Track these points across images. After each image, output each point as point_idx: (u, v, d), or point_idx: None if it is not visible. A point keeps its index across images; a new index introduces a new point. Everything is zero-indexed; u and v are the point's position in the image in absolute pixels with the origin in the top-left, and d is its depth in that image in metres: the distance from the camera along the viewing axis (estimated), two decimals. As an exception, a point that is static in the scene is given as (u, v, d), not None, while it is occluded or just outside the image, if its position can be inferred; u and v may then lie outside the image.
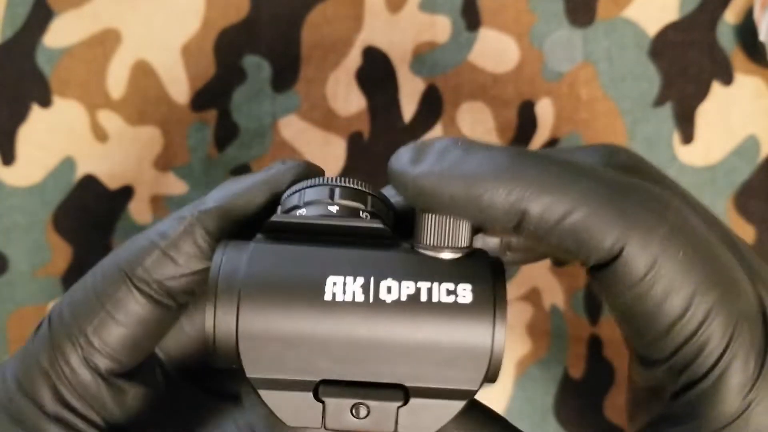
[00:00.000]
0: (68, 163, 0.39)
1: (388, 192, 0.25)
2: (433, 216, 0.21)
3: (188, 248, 0.24)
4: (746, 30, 0.38)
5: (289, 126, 0.39)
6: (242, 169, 0.39)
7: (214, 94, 0.39)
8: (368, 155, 0.39)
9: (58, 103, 0.39)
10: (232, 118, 0.39)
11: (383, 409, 0.21)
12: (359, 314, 0.20)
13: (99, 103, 0.39)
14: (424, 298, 0.21)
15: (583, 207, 0.20)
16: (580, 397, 0.38)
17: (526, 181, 0.20)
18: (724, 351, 0.21)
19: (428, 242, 0.22)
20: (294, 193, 0.24)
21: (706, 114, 0.38)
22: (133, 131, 0.39)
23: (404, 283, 0.21)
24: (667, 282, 0.20)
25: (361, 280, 0.21)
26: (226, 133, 0.39)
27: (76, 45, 0.39)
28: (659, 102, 0.38)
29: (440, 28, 0.39)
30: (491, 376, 0.21)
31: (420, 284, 0.21)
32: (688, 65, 0.38)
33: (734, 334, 0.21)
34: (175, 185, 0.39)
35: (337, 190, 0.24)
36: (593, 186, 0.20)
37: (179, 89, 0.39)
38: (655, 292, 0.20)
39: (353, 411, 0.21)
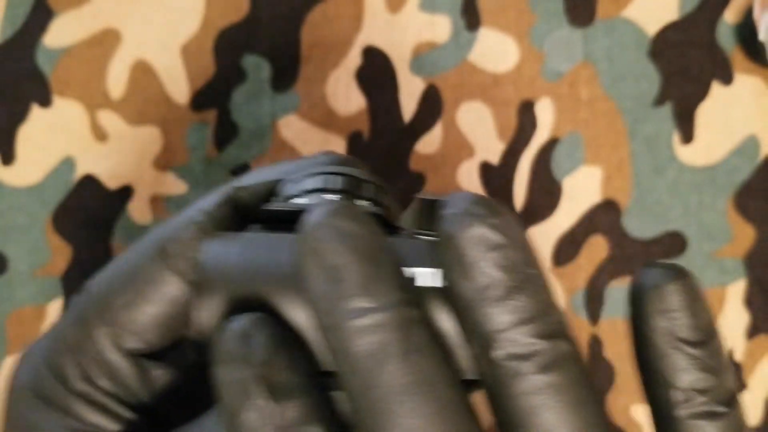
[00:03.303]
0: (68, 163, 0.39)
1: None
2: (433, 201, 0.21)
3: (223, 224, 0.23)
4: (746, 30, 0.38)
5: (288, 126, 0.39)
6: (242, 169, 0.39)
7: (213, 94, 0.39)
8: (368, 155, 0.39)
9: (58, 103, 0.39)
10: (231, 118, 0.39)
11: None
12: None
13: (99, 103, 0.39)
14: (419, 283, 0.20)
15: None
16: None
17: None
18: None
19: (426, 226, 0.21)
20: (291, 182, 0.23)
21: (706, 114, 0.38)
22: (133, 131, 0.39)
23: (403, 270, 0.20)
24: None
25: None
26: (225, 133, 0.39)
27: (76, 45, 0.39)
28: (659, 102, 0.38)
29: (440, 27, 0.39)
30: None
31: (418, 270, 0.20)
32: (688, 65, 0.38)
33: None
34: (174, 185, 0.39)
35: (336, 179, 0.23)
36: None
37: (179, 89, 0.39)
38: None
39: None
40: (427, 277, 0.19)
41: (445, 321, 0.19)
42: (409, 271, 0.20)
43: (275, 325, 0.19)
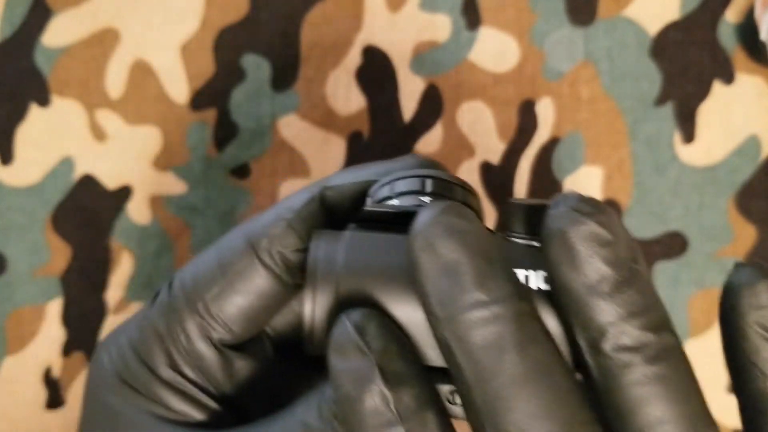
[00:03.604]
0: (67, 163, 0.39)
1: None
2: (526, 205, 0.21)
3: (311, 222, 0.24)
4: (747, 29, 0.38)
5: (288, 125, 0.39)
6: (242, 169, 0.39)
7: (213, 94, 0.39)
8: (368, 155, 0.39)
9: (57, 102, 0.39)
10: (231, 118, 0.39)
11: None
12: None
13: (98, 102, 0.39)
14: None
15: None
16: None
17: None
18: None
19: (521, 230, 0.21)
20: (385, 184, 0.24)
21: (707, 113, 0.38)
22: (132, 131, 0.39)
23: None
24: None
25: None
26: (225, 133, 0.39)
27: (75, 44, 0.39)
28: (660, 101, 0.38)
29: (440, 27, 0.39)
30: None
31: (518, 271, 0.20)
32: (689, 64, 0.38)
33: None
34: (174, 185, 0.39)
35: (429, 181, 0.23)
36: None
37: (178, 88, 0.39)
38: None
39: (451, 398, 0.20)
40: (528, 278, 0.20)
41: (549, 319, 0.20)
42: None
43: (386, 318, 0.20)
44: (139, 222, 0.39)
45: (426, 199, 0.23)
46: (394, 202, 0.23)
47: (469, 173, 0.39)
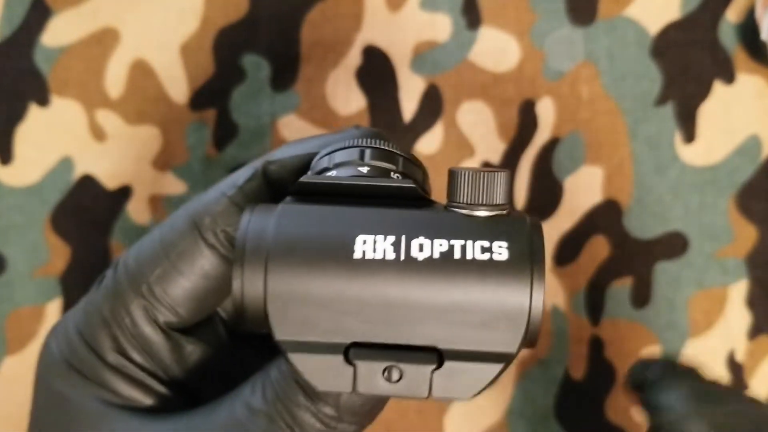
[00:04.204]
0: (66, 163, 0.39)
1: None
2: (467, 172, 0.21)
3: (254, 197, 0.23)
4: (748, 29, 0.38)
5: (288, 125, 0.39)
6: (241, 169, 0.39)
7: (213, 94, 0.39)
8: (368, 155, 0.39)
9: (57, 102, 0.39)
10: (231, 118, 0.39)
11: (417, 372, 0.20)
12: (390, 273, 0.20)
13: (97, 102, 0.39)
14: (457, 255, 0.20)
15: None
16: (581, 398, 0.38)
17: None
18: None
19: (462, 200, 0.21)
20: (324, 156, 0.23)
21: (708, 113, 0.38)
22: (132, 131, 0.39)
23: (437, 241, 0.20)
24: None
25: (391, 238, 0.20)
26: (225, 133, 0.39)
27: (75, 44, 0.39)
28: (661, 101, 0.38)
29: (440, 26, 0.39)
30: (530, 339, 0.20)
31: (453, 242, 0.20)
32: (689, 64, 0.38)
33: None
34: (174, 185, 0.39)
35: (368, 151, 0.23)
36: None
37: (178, 88, 0.39)
38: None
39: (385, 374, 0.20)
40: (464, 248, 0.20)
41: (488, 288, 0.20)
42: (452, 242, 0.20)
43: None
44: (138, 222, 0.39)
45: (364, 169, 0.23)
46: (333, 173, 0.23)
47: (469, 173, 0.38)
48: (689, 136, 0.38)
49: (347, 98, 0.39)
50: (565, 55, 0.39)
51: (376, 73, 0.39)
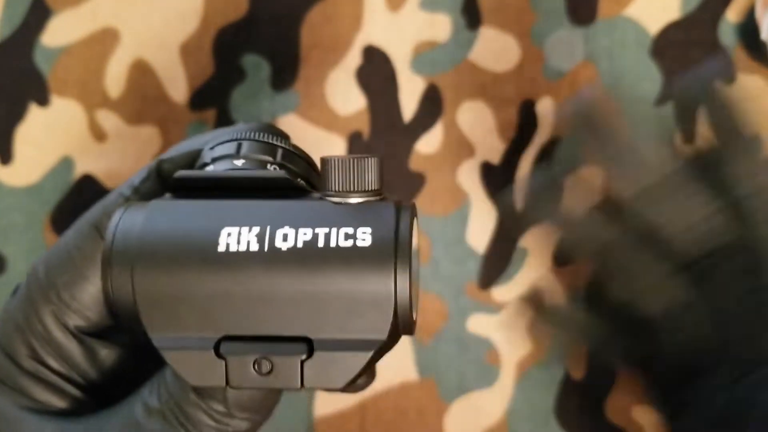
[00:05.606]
0: (66, 163, 0.39)
1: None
2: (337, 160, 0.21)
3: (151, 197, 0.23)
4: (748, 29, 0.38)
5: (288, 125, 0.39)
6: (241, 169, 0.39)
7: (212, 93, 0.39)
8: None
9: (56, 102, 0.39)
10: (231, 117, 0.39)
11: (287, 363, 0.20)
12: (254, 264, 0.20)
13: (97, 102, 0.39)
14: (321, 243, 0.20)
15: None
16: (581, 398, 0.38)
17: None
18: None
19: (334, 188, 0.21)
20: (207, 151, 0.24)
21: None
22: (132, 130, 0.39)
23: (301, 230, 0.20)
24: None
25: (256, 229, 0.20)
26: (225, 133, 0.39)
27: (75, 44, 0.39)
28: (660, 101, 0.38)
29: (440, 26, 0.39)
30: (404, 326, 0.20)
31: (318, 230, 0.20)
32: (689, 64, 0.38)
33: None
34: (173, 185, 0.39)
35: (244, 144, 0.23)
36: None
37: (178, 88, 0.39)
38: None
39: (256, 367, 0.20)
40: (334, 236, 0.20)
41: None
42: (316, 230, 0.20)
43: None
44: (138, 222, 0.39)
45: (239, 162, 0.23)
46: (210, 167, 0.23)
47: (469, 173, 0.38)
48: (689, 135, 0.38)
49: (347, 98, 0.39)
50: (565, 55, 0.39)
51: (376, 73, 0.39)
